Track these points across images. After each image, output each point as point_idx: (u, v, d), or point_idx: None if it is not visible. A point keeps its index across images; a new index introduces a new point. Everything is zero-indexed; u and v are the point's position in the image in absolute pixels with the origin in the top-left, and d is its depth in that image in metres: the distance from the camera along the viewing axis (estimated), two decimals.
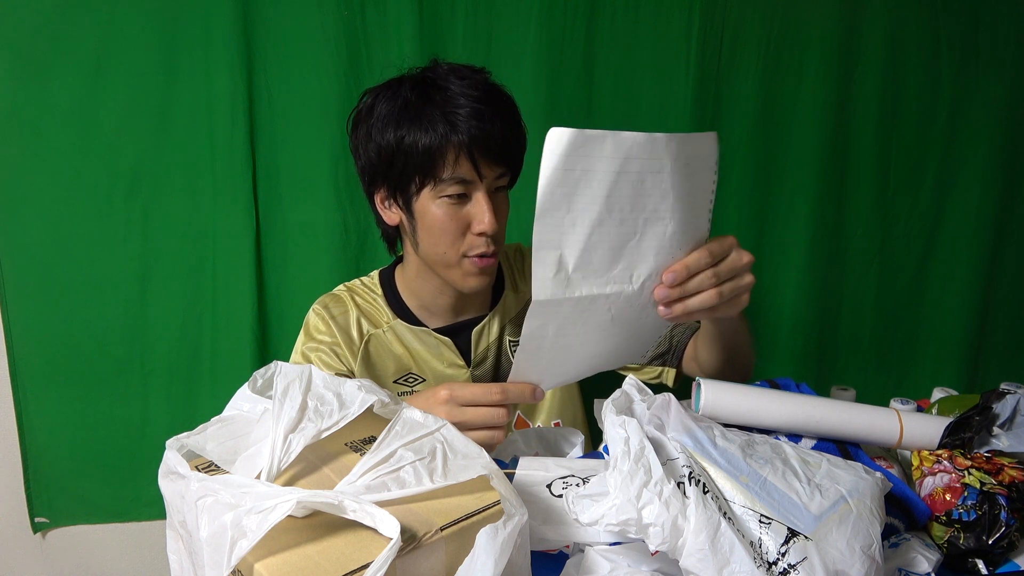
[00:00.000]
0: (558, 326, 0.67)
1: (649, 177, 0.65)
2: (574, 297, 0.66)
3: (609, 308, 0.69)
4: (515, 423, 1.11)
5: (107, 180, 1.30)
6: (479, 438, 0.73)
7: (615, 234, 0.66)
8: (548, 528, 0.66)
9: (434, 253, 0.96)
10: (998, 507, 0.68)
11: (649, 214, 0.67)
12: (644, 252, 0.68)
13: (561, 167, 0.61)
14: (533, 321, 0.66)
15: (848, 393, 1.05)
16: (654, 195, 0.66)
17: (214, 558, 0.47)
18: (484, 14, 1.38)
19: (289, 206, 1.37)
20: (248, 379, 0.63)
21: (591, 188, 0.63)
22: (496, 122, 0.90)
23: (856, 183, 1.60)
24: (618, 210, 0.65)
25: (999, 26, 1.57)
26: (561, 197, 0.62)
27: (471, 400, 0.73)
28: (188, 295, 1.37)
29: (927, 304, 1.69)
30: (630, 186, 0.64)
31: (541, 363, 0.71)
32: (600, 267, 0.66)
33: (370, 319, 1.06)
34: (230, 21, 1.27)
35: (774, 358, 1.65)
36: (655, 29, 1.44)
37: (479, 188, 0.91)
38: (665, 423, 0.69)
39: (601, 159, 0.62)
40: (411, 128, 0.89)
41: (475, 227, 0.92)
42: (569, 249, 0.64)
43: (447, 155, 0.88)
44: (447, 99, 0.89)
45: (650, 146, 0.64)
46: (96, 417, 1.38)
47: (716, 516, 0.57)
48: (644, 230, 0.67)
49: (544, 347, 0.69)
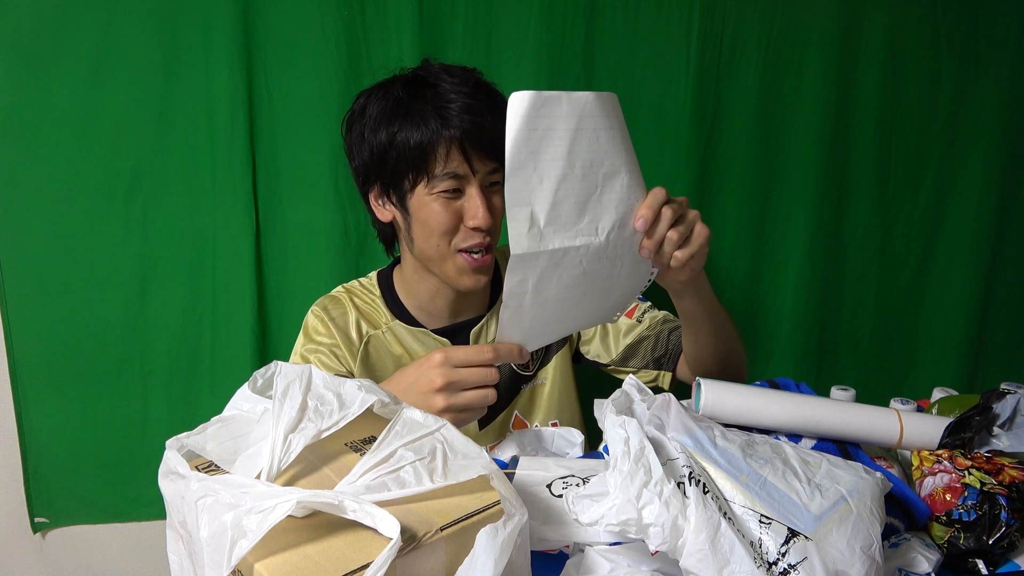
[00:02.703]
0: (536, 280, 0.71)
1: (603, 133, 0.71)
2: (548, 250, 0.70)
3: (580, 261, 0.73)
4: (513, 423, 1.12)
5: (107, 180, 1.29)
6: (474, 397, 0.75)
7: (578, 189, 0.71)
8: (548, 528, 0.66)
9: (428, 248, 0.96)
10: (998, 507, 0.68)
11: (607, 168, 0.72)
12: (606, 205, 0.73)
13: (525, 127, 0.66)
14: (513, 277, 0.70)
15: (848, 393, 1.05)
16: (610, 150, 0.72)
17: (214, 558, 0.47)
18: (484, 14, 1.37)
19: (289, 206, 1.37)
20: (248, 379, 0.63)
21: (553, 145, 0.68)
22: (488, 116, 0.91)
23: (856, 183, 1.60)
24: (579, 165, 0.70)
25: (999, 26, 1.57)
26: (527, 155, 0.67)
27: (464, 361, 0.75)
28: (188, 295, 1.37)
29: (927, 304, 1.69)
30: (587, 142, 0.70)
31: (524, 321, 0.74)
32: (568, 221, 0.71)
33: (369, 320, 1.06)
34: (230, 21, 1.27)
35: (774, 358, 1.65)
36: (655, 29, 1.44)
37: (472, 183, 0.92)
38: (665, 423, 0.69)
39: (560, 118, 0.68)
40: (403, 125, 0.91)
41: (468, 221, 0.93)
42: (539, 205, 0.69)
43: (439, 150, 0.90)
44: (438, 95, 0.91)
45: (600, 103, 0.70)
46: (96, 417, 1.38)
47: (716, 516, 0.57)
48: (603, 184, 0.73)
49: (525, 304, 0.73)
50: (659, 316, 1.13)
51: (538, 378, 1.10)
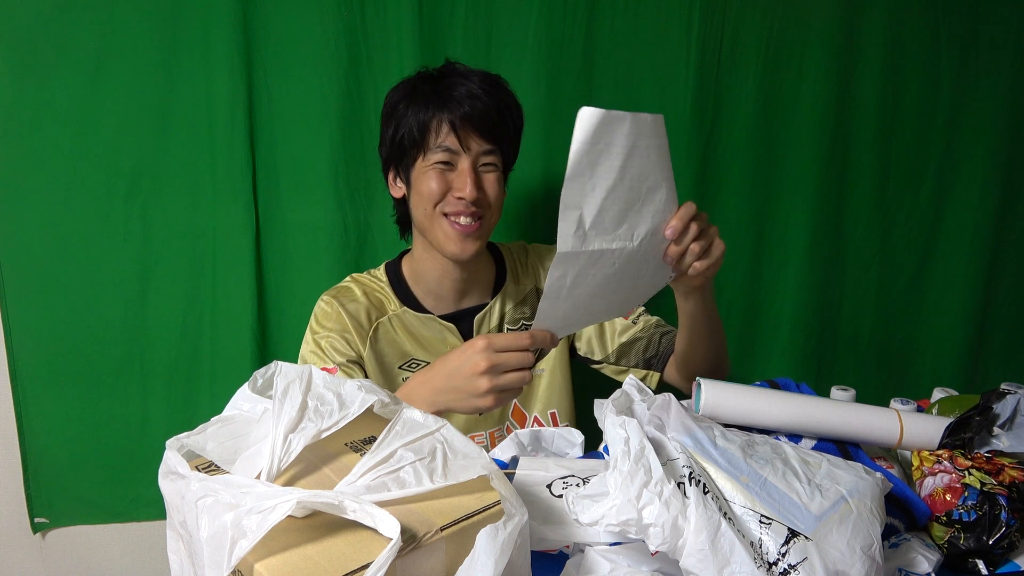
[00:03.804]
0: (575, 276, 0.79)
1: (653, 152, 0.79)
2: (588, 251, 0.77)
3: (614, 262, 0.80)
4: (512, 412, 1.15)
5: (107, 180, 1.29)
6: (515, 379, 0.83)
7: (624, 199, 0.78)
8: (548, 528, 0.66)
9: (421, 216, 1.06)
10: (998, 507, 0.68)
11: (651, 182, 0.80)
12: (644, 215, 0.81)
13: (588, 141, 0.73)
14: (556, 271, 0.77)
15: (848, 393, 1.05)
16: (657, 166, 0.80)
17: (214, 558, 0.47)
18: (484, 14, 1.37)
19: (289, 206, 1.37)
20: (248, 379, 0.63)
21: (610, 159, 0.75)
22: (486, 102, 1.02)
23: (856, 183, 1.60)
24: (629, 179, 0.77)
25: (999, 26, 1.57)
26: (586, 166, 0.74)
27: (505, 346, 0.83)
28: (188, 295, 1.36)
29: (927, 304, 1.69)
30: (640, 158, 0.77)
31: (559, 310, 0.82)
32: (610, 226, 0.78)
33: (378, 307, 1.12)
34: (230, 21, 1.27)
35: (774, 358, 1.65)
36: (655, 29, 1.44)
37: (463, 159, 1.02)
38: (665, 423, 0.69)
39: (621, 135, 0.75)
40: (412, 108, 1.03)
41: (455, 192, 1.02)
42: (588, 209, 0.76)
43: (433, 126, 1.01)
44: (446, 85, 1.03)
45: (654, 125, 0.79)
46: (96, 417, 1.38)
47: (716, 516, 0.57)
48: (646, 196, 0.80)
49: (562, 295, 0.80)
50: (652, 320, 1.19)
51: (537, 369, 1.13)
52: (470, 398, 0.83)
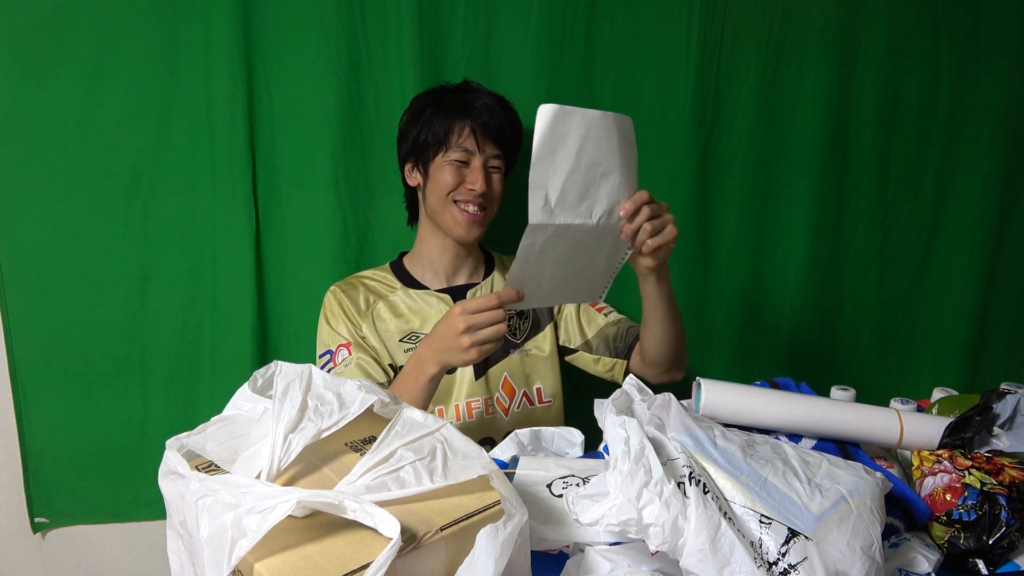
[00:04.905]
0: (542, 244, 0.92)
1: (604, 143, 0.92)
2: (554, 224, 0.91)
3: (575, 235, 0.94)
4: (503, 384, 1.28)
5: (107, 180, 1.29)
6: (491, 332, 0.97)
7: (581, 181, 0.92)
8: (548, 528, 0.66)
9: (435, 202, 1.23)
10: (998, 507, 0.68)
11: (604, 168, 0.93)
12: (600, 196, 0.94)
13: (547, 131, 0.87)
14: (527, 240, 0.91)
15: (848, 393, 1.05)
16: (608, 155, 0.93)
17: (214, 558, 0.47)
18: (484, 14, 1.38)
19: (289, 206, 1.37)
20: (248, 379, 0.63)
21: (567, 147, 0.89)
22: (500, 116, 1.23)
23: (856, 183, 1.60)
24: (584, 163, 0.91)
25: (999, 26, 1.57)
26: (547, 152, 0.87)
27: (477, 308, 0.97)
28: (188, 295, 1.36)
29: (927, 304, 1.69)
30: (592, 148, 0.91)
31: (527, 273, 0.96)
32: (571, 204, 0.92)
33: (375, 292, 1.27)
34: (230, 21, 1.27)
35: (774, 358, 1.65)
36: (655, 29, 1.44)
37: (477, 159, 1.21)
38: (665, 423, 0.69)
39: (574, 126, 0.89)
40: (437, 113, 1.22)
41: (468, 184, 1.21)
42: (552, 189, 0.89)
43: (456, 129, 1.21)
44: (467, 99, 1.23)
45: (605, 121, 0.92)
46: (96, 417, 1.38)
47: (716, 516, 0.57)
48: (600, 180, 0.94)
49: (531, 260, 0.93)
50: (622, 317, 1.35)
51: (526, 348, 1.32)
52: (458, 353, 0.98)
